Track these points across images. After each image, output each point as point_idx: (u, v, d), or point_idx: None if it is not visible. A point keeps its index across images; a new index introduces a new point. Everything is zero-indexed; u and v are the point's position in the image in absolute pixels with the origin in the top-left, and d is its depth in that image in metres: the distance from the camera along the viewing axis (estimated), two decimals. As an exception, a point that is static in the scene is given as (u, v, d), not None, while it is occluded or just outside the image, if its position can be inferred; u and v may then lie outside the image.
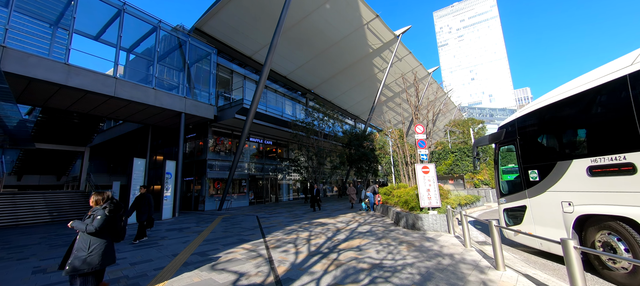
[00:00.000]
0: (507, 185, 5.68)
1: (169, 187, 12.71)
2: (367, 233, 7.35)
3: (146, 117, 15.72)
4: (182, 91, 15.18)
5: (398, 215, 8.39)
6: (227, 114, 16.75)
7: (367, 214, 11.58)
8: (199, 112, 15.72)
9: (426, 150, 8.85)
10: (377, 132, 25.45)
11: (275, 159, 23.30)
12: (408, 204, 8.67)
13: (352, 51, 27.05)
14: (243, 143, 15.47)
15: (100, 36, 14.40)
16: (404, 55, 33.37)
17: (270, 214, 13.29)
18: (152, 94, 13.51)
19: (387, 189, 12.30)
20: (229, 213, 14.30)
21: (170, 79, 16.88)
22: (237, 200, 18.89)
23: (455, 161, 16.58)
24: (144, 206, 7.50)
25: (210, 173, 17.33)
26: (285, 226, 9.33)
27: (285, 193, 23.94)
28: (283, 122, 19.84)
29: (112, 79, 12.06)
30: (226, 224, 10.15)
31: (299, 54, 24.47)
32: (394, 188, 12.08)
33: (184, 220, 11.96)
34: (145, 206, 7.51)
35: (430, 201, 7.73)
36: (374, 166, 23.18)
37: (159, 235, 8.29)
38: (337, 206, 15.91)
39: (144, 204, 7.52)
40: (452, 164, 16.58)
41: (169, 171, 12.86)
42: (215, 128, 18.29)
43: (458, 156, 16.60)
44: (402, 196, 9.83)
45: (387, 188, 12.35)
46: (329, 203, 18.42)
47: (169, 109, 14.29)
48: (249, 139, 20.78)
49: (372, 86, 36.32)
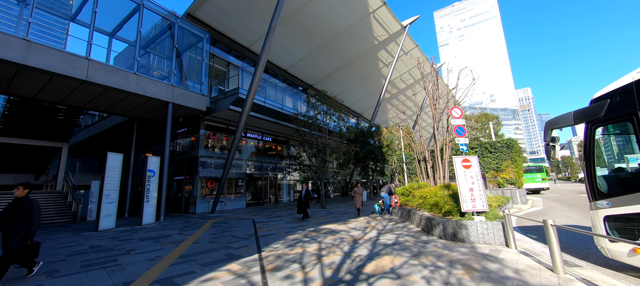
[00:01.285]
0: (613, 182, 3.94)
1: (150, 187, 10.94)
2: (396, 247, 5.60)
3: (130, 108, 13.96)
4: (170, 79, 13.45)
5: (430, 222, 6.64)
6: (221, 106, 15.01)
7: (383, 219, 9.83)
8: (189, 102, 13.96)
9: (466, 139, 7.09)
10: (385, 129, 23.72)
11: (275, 157, 21.55)
12: (440, 208, 6.92)
13: (356, 43, 25.39)
14: (238, 137, 13.72)
15: (77, 17, 12.64)
16: (410, 48, 31.75)
17: (269, 218, 11.54)
18: (133, 80, 11.76)
19: (405, 189, 10.54)
20: (222, 217, 12.54)
21: (157, 66, 15.15)
22: (233, 201, 17.13)
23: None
24: (17, 219, 4.23)
25: (202, 171, 15.58)
26: (286, 234, 7.57)
27: (286, 193, 22.18)
28: (283, 116, 18.09)
29: (83, 61, 10.31)
30: (215, 232, 8.39)
31: (300, 45, 22.80)
32: (414, 187, 10.33)
33: (168, 226, 10.20)
34: (18, 219, 4.23)
35: (475, 204, 5.99)
36: (380, 165, 21.43)
37: (126, 247, 6.53)
38: (343, 208, 14.18)
39: (17, 217, 4.24)
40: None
41: (151, 168, 11.10)
42: (209, 122, 16.53)
43: (478, 151, 14.85)
44: (428, 196, 8.09)
45: (405, 188, 10.59)
46: (334, 205, 16.68)
47: (154, 98, 12.53)
48: (245, 135, 19.03)
49: (376, 81, 34.69)
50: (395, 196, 10.30)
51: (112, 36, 14.44)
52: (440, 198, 7.27)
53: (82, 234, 8.74)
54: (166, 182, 12.50)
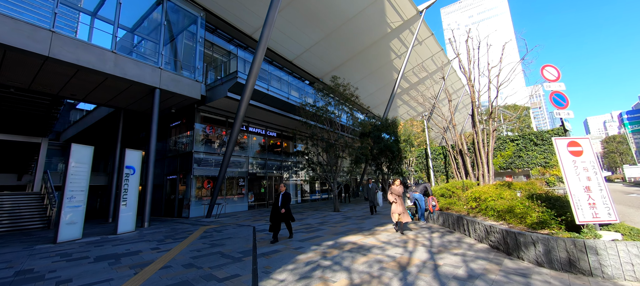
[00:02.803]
0: None
1: (129, 187, 8.95)
2: (479, 283, 3.43)
3: (112, 96, 12.06)
4: (158, 62, 11.51)
5: (511, 238, 4.42)
6: (217, 93, 13.00)
7: (419, 227, 7.64)
8: (180, 89, 11.99)
9: (569, 111, 4.83)
10: (402, 121, 21.46)
11: (281, 154, 19.49)
12: (520, 216, 4.73)
13: (367, 31, 23.22)
14: (237, 129, 11.69)
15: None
16: (425, 37, 29.45)
17: (273, 224, 9.46)
18: (110, 59, 9.81)
19: (445, 188, 8.30)
20: (217, 222, 10.50)
21: (144, 50, 13.25)
22: (234, 203, 15.11)
23: (517, 151, 12.51)
24: None
25: (197, 169, 13.59)
26: (296, 251, 5.46)
27: (293, 194, 20.09)
28: (289, 107, 16.01)
29: (44, 33, 8.39)
30: (202, 246, 6.33)
31: (306, 32, 20.77)
32: (456, 186, 8.10)
33: (147, 235, 8.20)
34: None
35: (596, 212, 3.78)
36: (396, 165, 19.14)
37: (66, 273, 4.49)
38: (360, 211, 12.00)
39: None
40: (513, 156, 12.53)
41: (130, 164, 9.11)
42: (205, 113, 14.55)
43: (521, 144, 12.53)
44: (488, 198, 5.89)
45: (446, 187, 8.35)
46: (348, 206, 14.50)
47: (137, 82, 10.58)
48: (247, 129, 17.01)
49: (387, 75, 32.48)
50: (433, 198, 8.09)
51: (95, 16, 12.60)
52: (516, 204, 5.07)
53: (34, 248, 6.78)
54: (152, 181, 10.52)
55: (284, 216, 6.55)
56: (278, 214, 6.50)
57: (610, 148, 57.33)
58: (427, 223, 8.21)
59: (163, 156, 15.68)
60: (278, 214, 6.50)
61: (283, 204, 6.57)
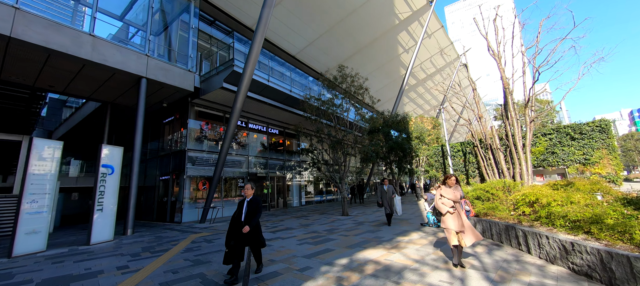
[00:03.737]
0: None
1: (106, 189, 7.67)
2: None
3: (95, 87, 10.83)
4: (145, 48, 10.28)
5: (631, 265, 3.00)
6: (212, 84, 11.72)
7: None
8: (170, 79, 10.73)
9: None
10: (413, 117, 20.01)
11: (283, 153, 18.16)
12: (619, 231, 3.32)
13: (374, 23, 21.85)
14: (234, 122, 10.40)
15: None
16: (435, 30, 27.99)
17: (275, 231, 8.11)
18: (87, 42, 8.57)
19: (481, 189, 6.86)
20: (210, 229, 9.18)
21: (131, 38, 12.03)
22: (232, 206, 13.80)
23: (550, 147, 11.00)
24: None
25: (191, 169, 12.32)
26: (302, 275, 4.10)
27: (296, 195, 18.76)
28: (292, 101, 14.69)
29: (5, 9, 7.17)
30: (183, 263, 5.00)
31: (310, 25, 19.51)
32: (496, 188, 6.66)
33: (124, 246, 6.90)
34: None
35: None
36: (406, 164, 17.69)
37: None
38: (371, 215, 10.61)
39: None
40: (546, 153, 11.02)
41: (107, 163, 7.83)
42: (200, 107, 13.28)
43: (555, 139, 11.03)
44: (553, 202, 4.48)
45: (480, 189, 6.91)
46: (357, 210, 13.12)
47: (121, 70, 9.33)
48: (247, 126, 15.72)
49: (393, 71, 31.10)
50: (467, 202, 6.66)
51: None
52: (607, 209, 3.66)
53: (-19, 264, 5.53)
54: (136, 182, 9.26)
55: (249, 237, 4.04)
56: (240, 235, 4.01)
57: (628, 146, 55.00)
58: (459, 231, 6.78)
59: (156, 155, 14.46)
60: (240, 235, 4.01)
61: (248, 218, 4.09)
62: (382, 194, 8.17)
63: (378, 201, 8.23)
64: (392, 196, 8.17)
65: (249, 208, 4.19)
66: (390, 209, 8.11)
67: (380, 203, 8.17)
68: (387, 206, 8.09)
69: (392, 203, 8.20)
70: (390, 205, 8.11)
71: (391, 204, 8.17)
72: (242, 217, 4.13)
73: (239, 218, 4.15)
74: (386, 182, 8.34)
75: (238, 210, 4.25)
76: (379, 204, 8.18)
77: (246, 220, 4.08)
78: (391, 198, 8.17)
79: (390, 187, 8.29)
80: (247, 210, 4.17)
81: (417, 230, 7.25)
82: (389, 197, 8.13)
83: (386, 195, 8.15)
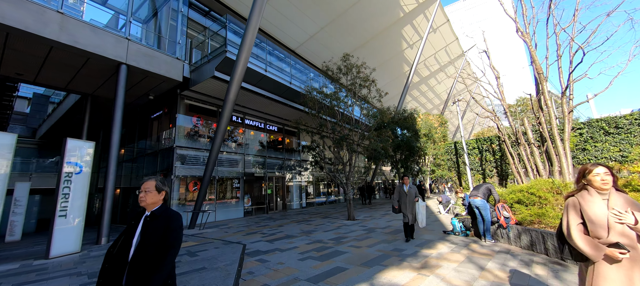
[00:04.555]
0: None
1: (71, 192, 6.45)
2: None
3: (69, 75, 9.61)
4: (126, 31, 9.08)
5: None
6: (203, 73, 10.51)
7: (492, 251, 5.05)
8: (154, 67, 9.51)
9: None
10: (421, 114, 18.85)
11: (282, 151, 16.96)
12: None
13: (377, 15, 20.75)
14: (227, 115, 9.21)
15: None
16: (441, 24, 26.92)
17: (273, 239, 6.90)
18: (53, 20, 7.36)
19: (525, 190, 5.64)
20: (200, 237, 7.96)
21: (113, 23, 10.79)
22: (226, 209, 12.61)
23: (580, 142, 9.82)
24: None
25: (180, 168, 11.11)
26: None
27: (296, 196, 17.56)
28: (292, 94, 13.50)
29: (-53, -27, 5.96)
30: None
31: (311, 17, 18.44)
32: (542, 189, 5.45)
33: (90, 261, 5.69)
34: None
35: None
36: (412, 163, 16.55)
37: None
38: (382, 220, 9.42)
39: None
40: (575, 149, 9.83)
41: (74, 160, 6.60)
42: (191, 100, 12.08)
43: (586, 134, 9.86)
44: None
45: (526, 189, 5.69)
46: (364, 213, 11.92)
47: (95, 54, 8.12)
48: (243, 122, 14.51)
49: (396, 68, 30.04)
50: (504, 206, 5.47)
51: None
52: None
53: None
54: (113, 183, 8.04)
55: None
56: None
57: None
58: (497, 242, 5.58)
59: (143, 154, 13.23)
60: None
61: (142, 258, 1.72)
62: (401, 196, 6.19)
63: (394, 205, 6.28)
64: (415, 200, 6.18)
65: (148, 232, 1.80)
66: (411, 218, 5.99)
67: (397, 208, 6.25)
68: (408, 214, 6.01)
69: (413, 209, 6.13)
70: (411, 212, 6.05)
71: (412, 210, 6.09)
72: (129, 251, 1.76)
73: (121, 254, 1.76)
74: (406, 181, 6.23)
75: (125, 237, 1.84)
76: (395, 209, 6.27)
77: (138, 263, 1.71)
78: (413, 202, 6.12)
79: (413, 188, 6.18)
80: (141, 240, 1.78)
81: (442, 240, 6.05)
82: (411, 201, 6.09)
83: (407, 198, 6.09)
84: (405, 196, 6.16)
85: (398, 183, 6.29)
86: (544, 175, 7.16)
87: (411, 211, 6.06)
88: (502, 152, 11.38)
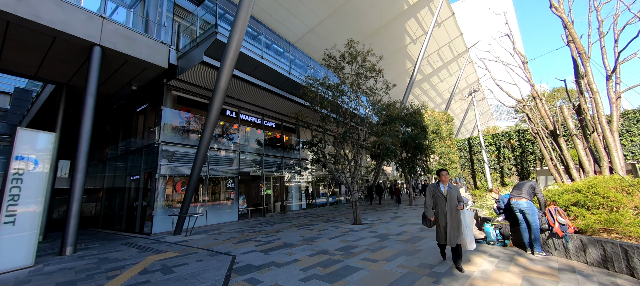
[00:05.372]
0: None
1: (22, 192, 5.28)
2: None
3: (37, 59, 8.42)
4: (101, 8, 7.94)
5: None
6: (191, 60, 9.35)
7: (534, 262, 3.94)
8: (135, 51, 8.35)
9: None
10: (428, 109, 17.76)
11: (281, 149, 15.81)
12: None
13: (380, 7, 19.77)
14: (218, 105, 8.08)
15: None
16: (445, 18, 25.98)
17: (269, 248, 5.73)
18: (8, -11, 6.20)
19: (587, 189, 4.52)
20: (183, 245, 6.79)
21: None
22: (218, 211, 11.44)
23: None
24: None
25: (166, 166, 9.94)
26: None
27: (296, 198, 16.40)
28: (292, 85, 12.36)
29: None
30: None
31: (311, 8, 17.47)
32: (607, 187, 4.33)
33: (36, 278, 4.53)
34: None
35: None
36: (420, 162, 15.45)
37: None
38: (391, 225, 8.30)
39: None
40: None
41: (25, 154, 5.44)
42: (178, 91, 10.91)
43: (623, 126, 8.78)
44: None
45: (584, 187, 4.56)
46: (371, 216, 10.78)
47: (62, 32, 6.97)
48: (238, 117, 13.35)
49: (399, 64, 29.14)
50: (558, 209, 4.35)
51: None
52: None
53: None
54: (81, 183, 6.87)
55: None
56: None
57: None
58: (549, 254, 4.45)
59: (127, 151, 12.04)
60: None
61: None
62: (438, 201, 4.13)
63: (428, 215, 4.23)
64: (458, 207, 3.98)
65: None
66: (453, 236, 3.93)
67: (431, 220, 4.22)
68: (449, 229, 3.95)
69: (457, 221, 3.97)
70: (453, 225, 3.94)
71: (456, 223, 3.96)
72: None
73: None
74: (445, 177, 4.18)
75: None
76: (431, 222, 4.23)
77: None
78: (456, 210, 3.99)
79: (455, 189, 4.11)
80: None
81: (476, 252, 4.90)
82: (452, 209, 3.99)
83: (446, 205, 4.02)
84: (443, 201, 4.08)
85: (432, 183, 4.39)
86: (589, 172, 6.05)
87: (454, 224, 3.95)
88: (522, 148, 10.27)
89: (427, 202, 4.30)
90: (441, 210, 4.10)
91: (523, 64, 8.10)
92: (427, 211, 4.26)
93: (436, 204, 4.20)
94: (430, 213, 4.24)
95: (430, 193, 4.31)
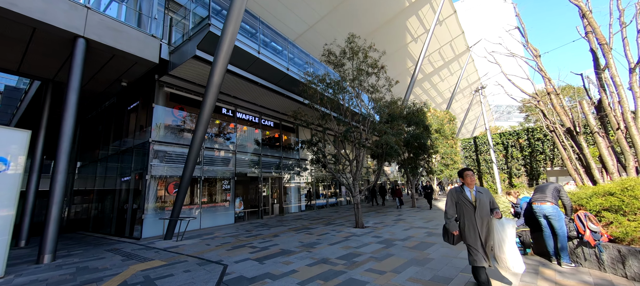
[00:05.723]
0: None
1: (-10, 195, 4.78)
2: None
3: (17, 52, 7.90)
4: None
5: None
6: (184, 54, 8.85)
7: (564, 276, 3.45)
8: (123, 44, 7.84)
9: None
10: (431, 109, 17.28)
11: (279, 149, 15.30)
12: None
13: (381, 3, 19.33)
14: (211, 102, 7.59)
15: None
16: (447, 16, 25.54)
17: (264, 256, 5.22)
18: (-20, -27, 5.68)
19: (621, 191, 4.02)
20: (173, 252, 6.27)
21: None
22: (214, 214, 10.92)
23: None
24: None
25: (156, 167, 9.42)
26: None
27: (294, 199, 15.88)
28: (290, 82, 11.87)
29: None
30: None
31: (311, 4, 16.98)
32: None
33: (0, 295, 4.03)
34: None
35: None
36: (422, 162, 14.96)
37: None
38: (395, 229, 7.81)
39: None
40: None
41: (-5, 153, 4.94)
42: (171, 88, 10.39)
43: (639, 125, 8.33)
44: None
45: (616, 188, 4.07)
46: (374, 219, 10.28)
47: (42, 21, 6.46)
48: (235, 116, 12.84)
49: (399, 63, 28.71)
50: (588, 215, 3.86)
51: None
52: None
53: None
54: (61, 185, 6.35)
55: None
56: None
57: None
58: (578, 265, 3.95)
59: (117, 151, 11.52)
60: None
61: None
62: (464, 211, 3.23)
63: (450, 228, 3.29)
64: (495, 215, 3.12)
65: None
66: (488, 257, 3.08)
67: (455, 235, 3.29)
68: (480, 248, 3.05)
69: (489, 233, 3.13)
70: (485, 240, 3.09)
71: (488, 237, 3.12)
72: None
73: None
74: (470, 179, 3.26)
75: None
76: (451, 236, 3.33)
77: None
78: (488, 220, 3.14)
79: (487, 194, 3.21)
80: None
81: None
82: (483, 218, 3.13)
83: (474, 215, 3.14)
84: (470, 208, 3.17)
85: (454, 187, 3.45)
86: (613, 173, 5.57)
87: (485, 239, 3.08)
88: (531, 147, 9.78)
89: (449, 211, 3.31)
90: (470, 221, 3.12)
91: (536, 58, 7.62)
92: (449, 223, 3.29)
93: (464, 214, 3.21)
94: (453, 226, 3.26)
95: (452, 199, 3.33)
